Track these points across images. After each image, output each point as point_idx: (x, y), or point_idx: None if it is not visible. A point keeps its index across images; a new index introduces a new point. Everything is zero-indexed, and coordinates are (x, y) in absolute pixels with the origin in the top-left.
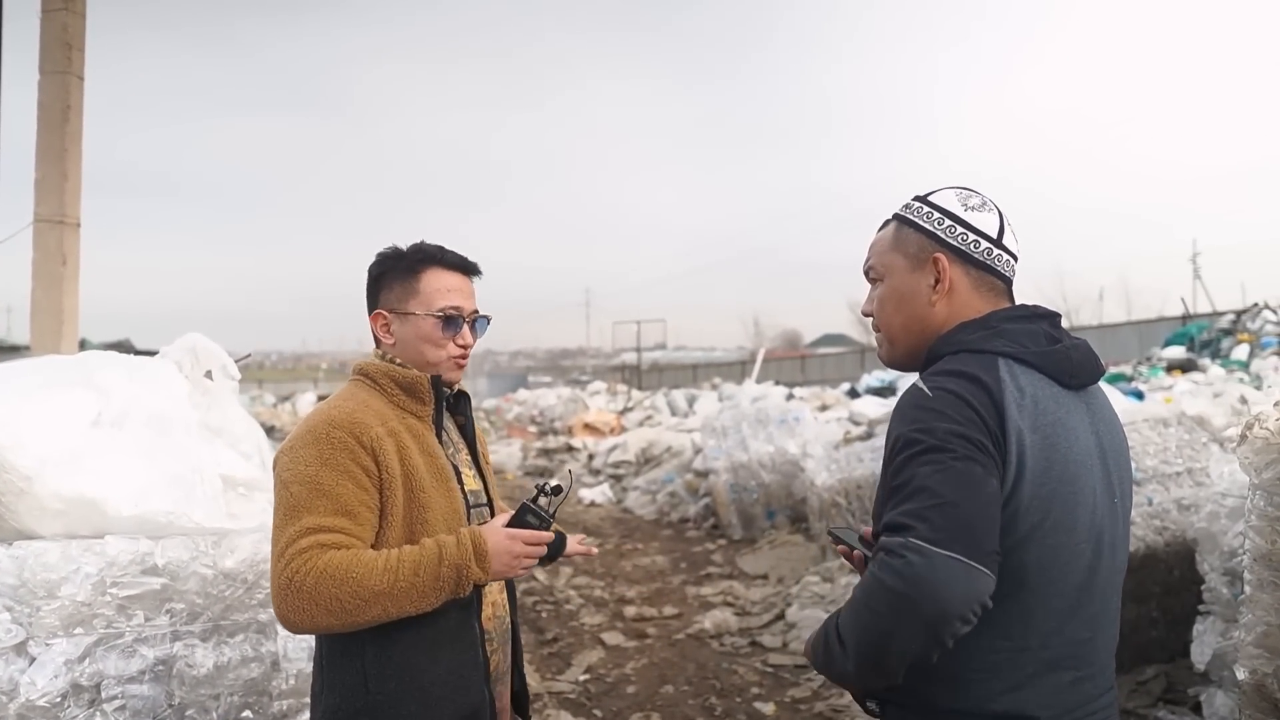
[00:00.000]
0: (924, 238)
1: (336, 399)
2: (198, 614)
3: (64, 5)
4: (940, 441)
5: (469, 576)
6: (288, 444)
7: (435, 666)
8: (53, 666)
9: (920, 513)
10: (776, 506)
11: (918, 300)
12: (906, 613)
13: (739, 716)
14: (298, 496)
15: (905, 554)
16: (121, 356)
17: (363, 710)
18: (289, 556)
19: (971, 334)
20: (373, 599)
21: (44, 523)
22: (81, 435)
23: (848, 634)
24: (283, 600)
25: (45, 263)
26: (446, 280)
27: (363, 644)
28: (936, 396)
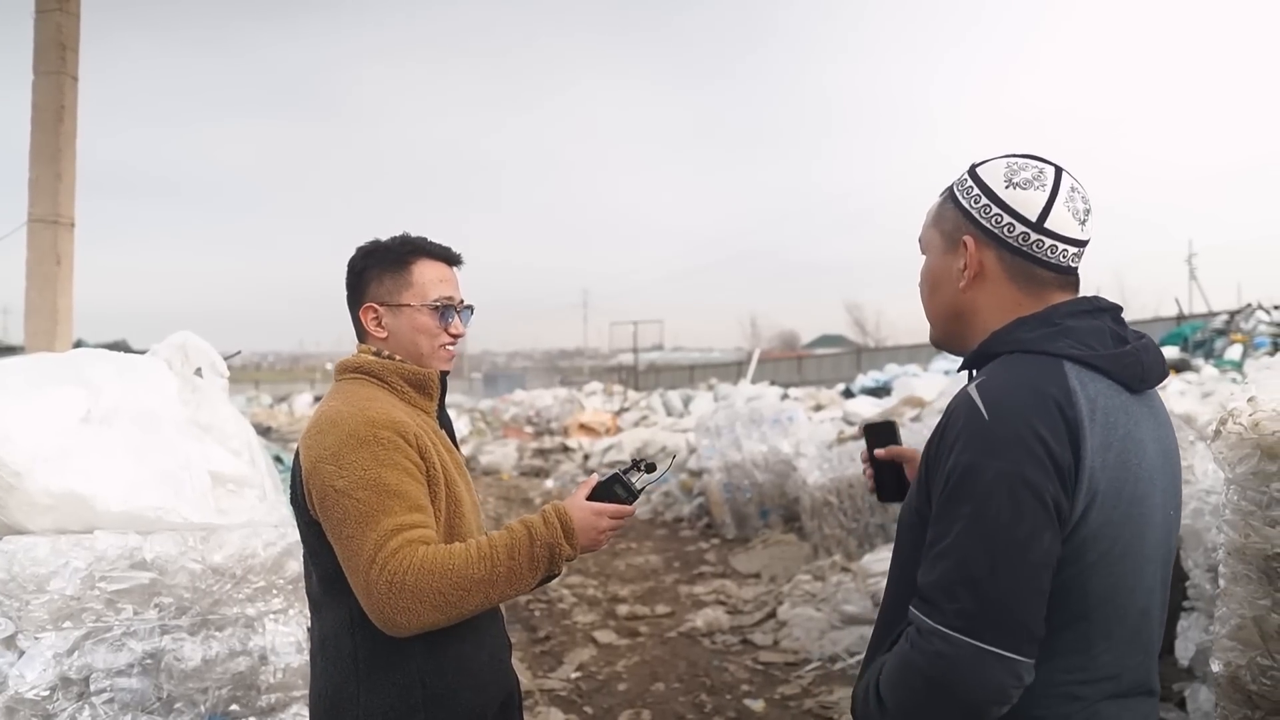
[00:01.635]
0: (960, 216)
1: (353, 398)
2: (186, 608)
3: (58, 6)
4: (988, 488)
5: (561, 554)
6: (328, 452)
7: (480, 653)
8: (42, 660)
9: (951, 589)
10: (770, 506)
11: (949, 284)
12: (940, 700)
13: (729, 713)
14: (367, 502)
15: (934, 642)
16: (111, 354)
17: (420, 706)
18: (382, 561)
19: (1031, 331)
20: (474, 587)
21: (33, 518)
22: (71, 432)
23: (888, 696)
24: (388, 603)
25: (39, 263)
26: (437, 271)
27: (413, 640)
28: (995, 420)
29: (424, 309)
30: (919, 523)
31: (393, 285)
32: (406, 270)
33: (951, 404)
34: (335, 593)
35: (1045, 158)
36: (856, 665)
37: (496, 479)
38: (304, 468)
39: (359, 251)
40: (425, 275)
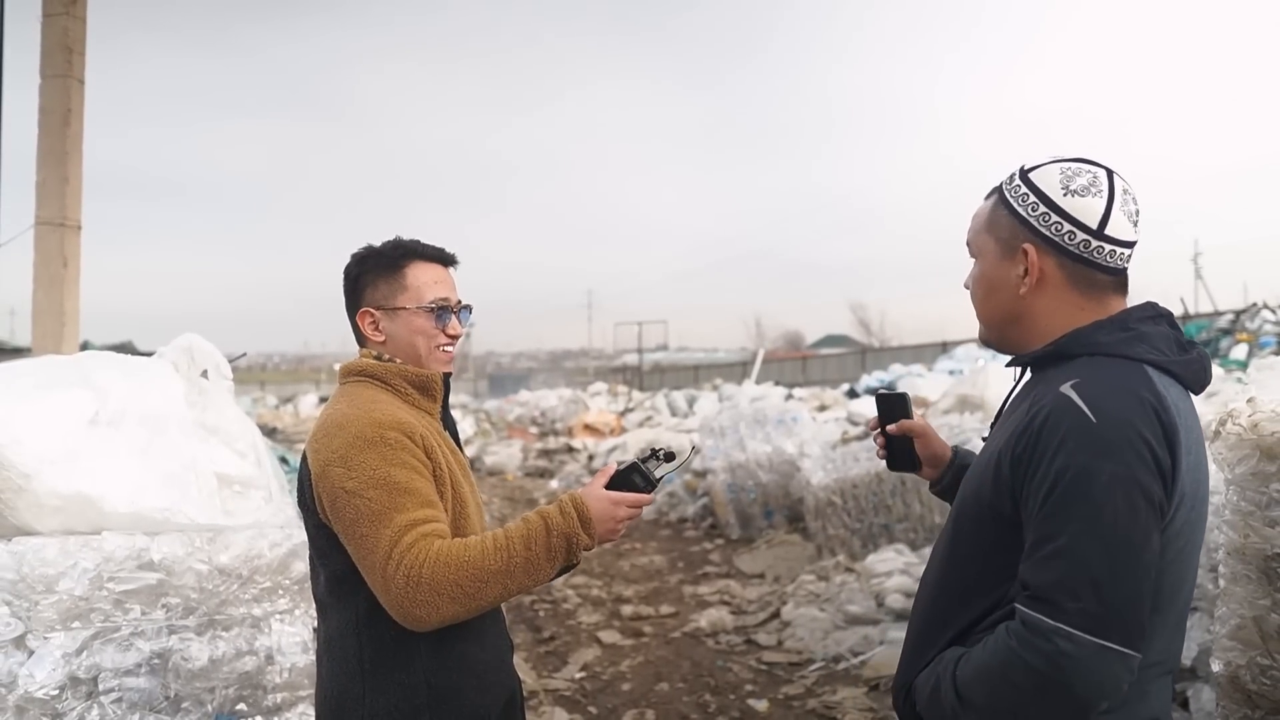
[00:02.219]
0: (1016, 223)
1: (358, 401)
2: (193, 608)
3: (65, 10)
4: (1104, 491)
5: (579, 544)
6: (336, 454)
7: (484, 653)
8: (51, 660)
9: (1074, 589)
10: (774, 506)
11: (1007, 290)
12: (1052, 697)
13: (732, 713)
14: (379, 501)
15: (1056, 641)
16: (118, 356)
17: (425, 706)
18: (398, 556)
19: (1109, 335)
20: (491, 579)
21: (42, 519)
22: (79, 434)
23: (973, 694)
24: (407, 598)
25: (46, 265)
26: (431, 273)
27: (418, 640)
28: (1103, 424)
29: (420, 311)
30: (991, 519)
31: (388, 289)
32: (400, 274)
33: (1043, 404)
34: (342, 594)
35: (1094, 160)
36: (860, 665)
37: (501, 479)
38: (313, 471)
39: (353, 258)
40: (420, 278)
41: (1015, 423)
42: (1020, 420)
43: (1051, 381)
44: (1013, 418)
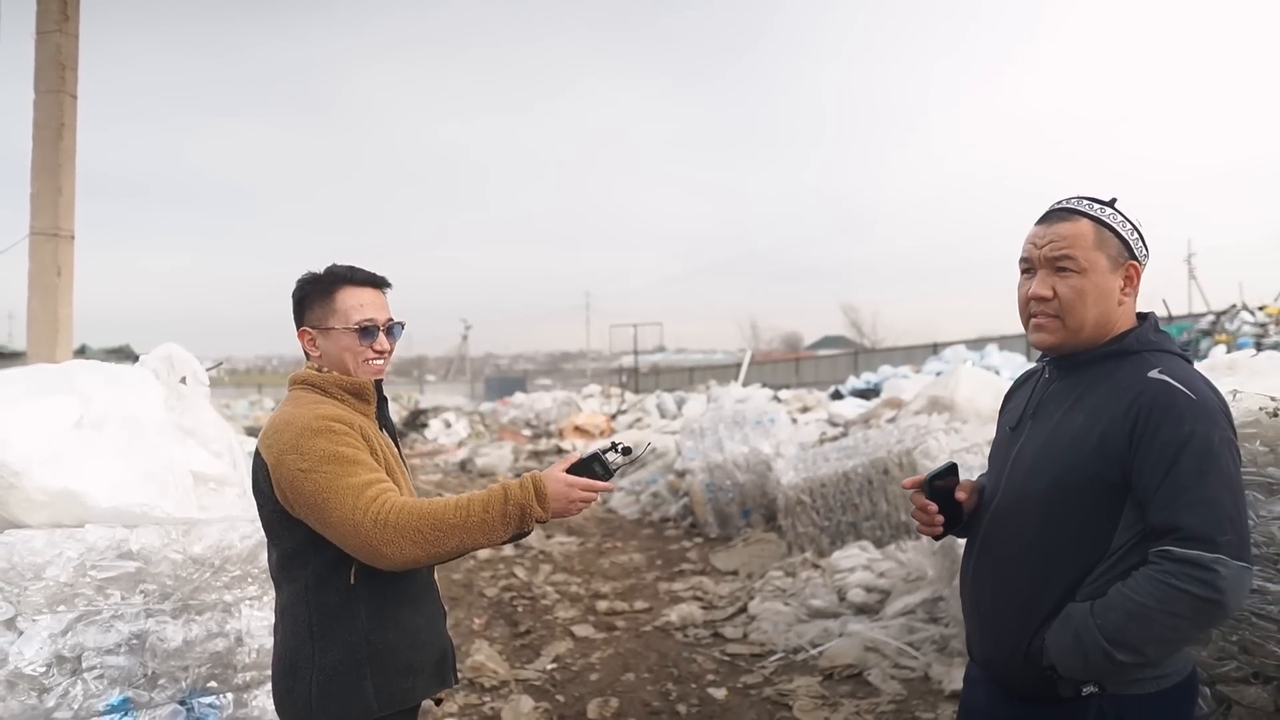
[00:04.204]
0: (1122, 245)
1: (303, 403)
2: (168, 594)
3: (58, 27)
4: (1219, 449)
5: (532, 514)
6: (288, 444)
7: (418, 617)
8: (39, 639)
9: (1221, 526)
10: (751, 506)
11: (1112, 299)
12: (1210, 615)
13: (692, 701)
14: (333, 472)
15: (1217, 569)
16: (102, 365)
17: (366, 660)
18: (364, 505)
19: (1158, 335)
20: (449, 531)
21: (30, 513)
22: (64, 436)
23: (1127, 635)
24: (375, 538)
25: (41, 274)
26: (359, 296)
27: (358, 605)
28: (1202, 400)
29: (347, 331)
30: (1094, 487)
31: (321, 312)
32: (331, 298)
33: (1143, 389)
34: (293, 569)
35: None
36: (817, 656)
37: (491, 479)
38: (268, 462)
39: (298, 282)
40: (348, 301)
41: (1106, 405)
42: (1113, 403)
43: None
44: (1090, 400)
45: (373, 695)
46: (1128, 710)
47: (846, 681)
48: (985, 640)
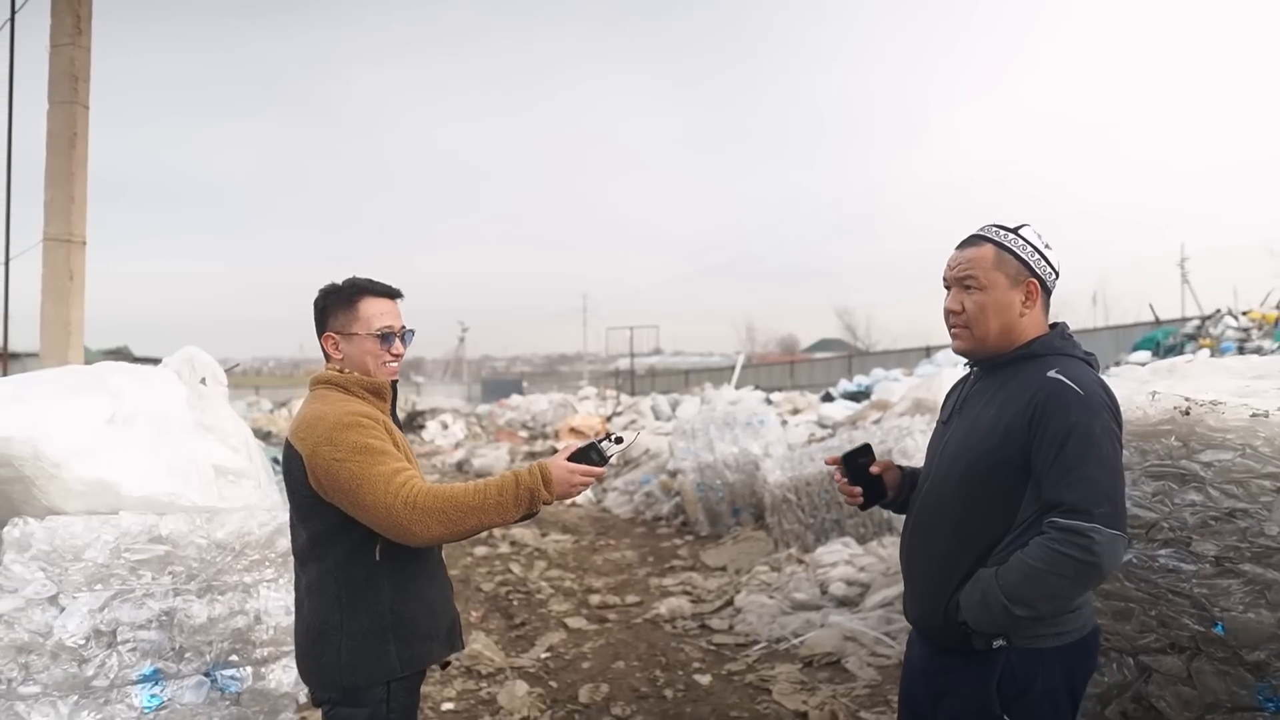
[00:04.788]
0: (1020, 265)
1: (329, 401)
2: (194, 575)
3: (71, 40)
4: (1100, 436)
5: (539, 497)
6: (322, 438)
7: (433, 589)
8: (79, 615)
9: (1097, 500)
10: (741, 504)
11: (1012, 312)
12: (1090, 578)
13: (678, 686)
14: (364, 460)
15: (1094, 536)
16: (131, 366)
17: (391, 626)
18: (395, 489)
19: (1062, 341)
20: (469, 511)
21: (68, 501)
22: (99, 431)
23: (1022, 593)
24: (405, 518)
25: (54, 279)
26: (379, 306)
27: (383, 579)
28: (1088, 396)
29: (369, 336)
30: (1003, 470)
31: (345, 319)
32: (354, 307)
33: (1041, 387)
34: (323, 547)
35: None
36: (799, 645)
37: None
38: (303, 454)
39: (320, 292)
40: (369, 310)
41: (1012, 401)
42: (1018, 399)
43: (1033, 373)
44: (1004, 398)
45: (395, 658)
46: (1031, 662)
47: (825, 668)
48: (914, 602)
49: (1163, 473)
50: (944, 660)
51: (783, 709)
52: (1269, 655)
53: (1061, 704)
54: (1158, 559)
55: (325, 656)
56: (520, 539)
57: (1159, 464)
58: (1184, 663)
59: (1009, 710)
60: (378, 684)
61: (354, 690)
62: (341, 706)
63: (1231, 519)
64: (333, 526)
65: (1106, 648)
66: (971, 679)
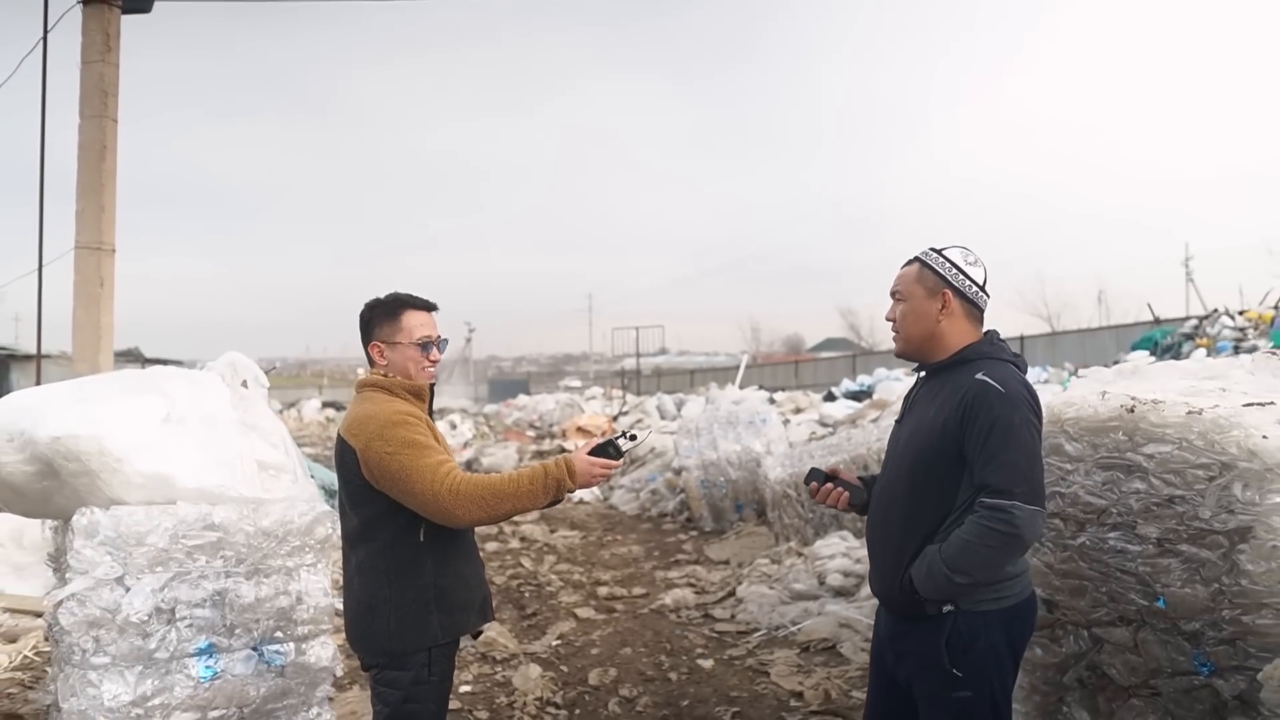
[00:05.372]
0: (937, 278)
1: (377, 402)
2: (243, 559)
3: (101, 58)
4: (1019, 426)
5: (564, 485)
6: (374, 434)
7: (468, 566)
8: (142, 594)
9: (1016, 481)
10: (744, 500)
11: (930, 318)
12: (1014, 548)
13: (682, 670)
14: (412, 453)
15: (1014, 511)
16: (182, 370)
17: (433, 599)
18: (441, 478)
19: (989, 347)
20: (504, 498)
21: (129, 493)
22: (155, 429)
23: (959, 563)
24: (450, 504)
25: (85, 285)
26: (419, 318)
27: (426, 558)
28: (1009, 393)
29: (411, 345)
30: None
31: (389, 329)
32: (397, 319)
33: (970, 387)
34: (373, 530)
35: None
36: (796, 632)
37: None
38: (356, 448)
39: (366, 306)
40: (411, 322)
41: (948, 401)
42: (952, 398)
43: (964, 376)
44: (942, 399)
45: (437, 626)
46: (975, 623)
47: (821, 653)
48: (876, 576)
49: (1111, 464)
50: (903, 626)
51: (780, 689)
52: (1203, 625)
53: (1004, 659)
54: (1107, 541)
55: (375, 626)
56: (530, 535)
57: (1108, 456)
58: (1131, 634)
59: (957, 664)
60: (421, 650)
61: (400, 655)
62: (389, 670)
63: (1170, 505)
64: (382, 512)
65: (1064, 621)
66: (926, 640)
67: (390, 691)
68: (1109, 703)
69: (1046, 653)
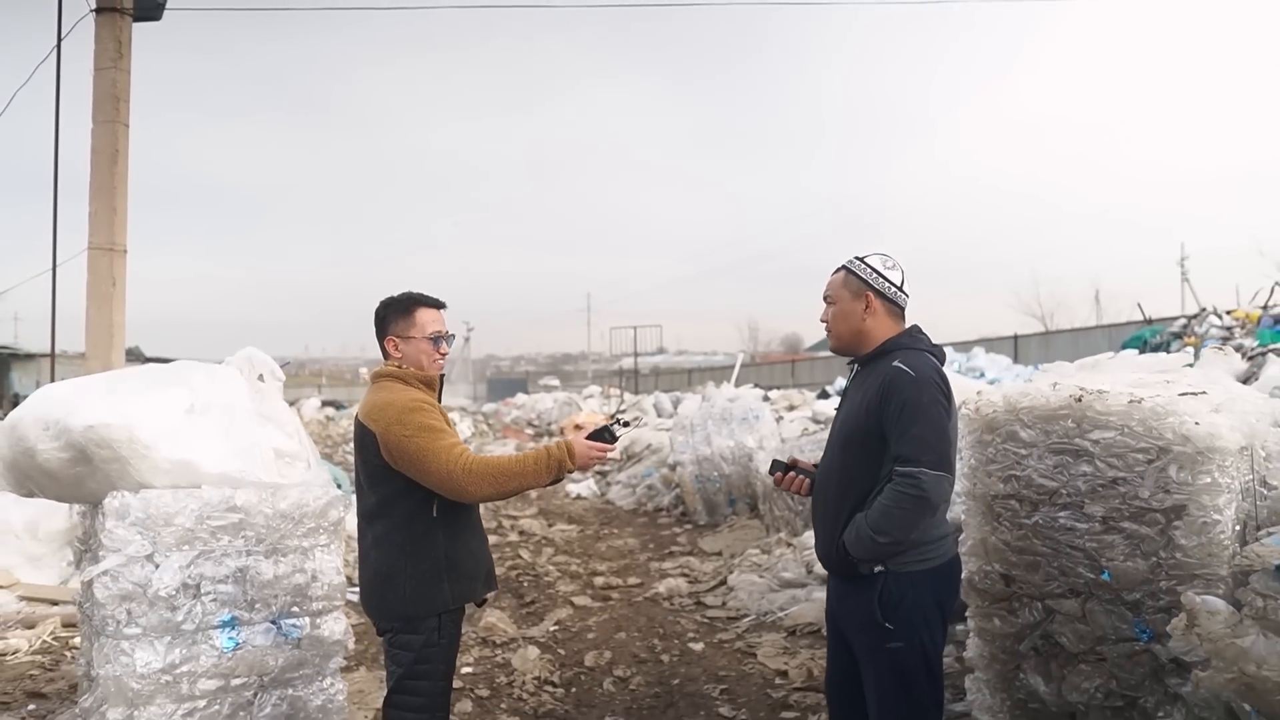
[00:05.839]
0: (860, 283)
1: (394, 390)
2: (262, 539)
3: (113, 64)
4: (927, 404)
5: (565, 466)
6: (393, 419)
7: (475, 540)
8: (171, 570)
9: (925, 450)
10: (737, 495)
11: (855, 317)
12: (924, 509)
13: (674, 652)
14: (429, 436)
15: (920, 477)
16: (203, 365)
17: (445, 568)
18: (454, 457)
19: (911, 340)
20: (511, 476)
21: (157, 477)
22: (180, 419)
23: (879, 525)
24: (463, 481)
25: (98, 284)
26: (431, 315)
27: (438, 531)
28: (919, 378)
29: (423, 339)
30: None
31: (404, 325)
32: (411, 316)
33: (888, 373)
34: (390, 506)
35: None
36: (785, 617)
37: None
38: (376, 432)
39: (381, 303)
40: (423, 318)
41: (871, 386)
42: (874, 384)
43: (884, 364)
44: (867, 385)
45: (448, 593)
46: (903, 582)
47: (807, 636)
48: (819, 542)
49: (1062, 449)
50: (844, 586)
51: (766, 669)
52: (1143, 596)
53: (931, 613)
54: (1058, 520)
55: (391, 594)
56: (528, 529)
57: (1058, 442)
58: (1080, 605)
59: (889, 619)
60: (433, 615)
61: (414, 620)
62: (402, 634)
63: (1114, 486)
64: (399, 490)
65: (1020, 594)
66: (861, 598)
67: (403, 653)
68: (1060, 668)
69: (1004, 623)
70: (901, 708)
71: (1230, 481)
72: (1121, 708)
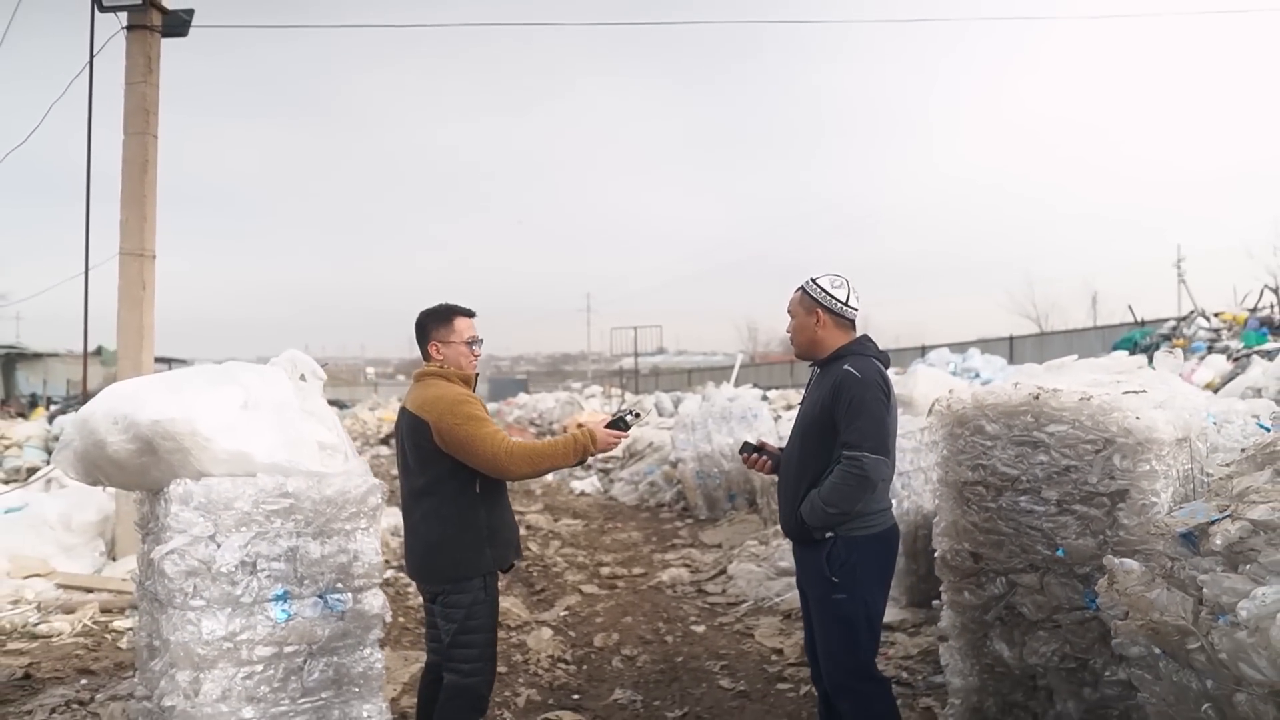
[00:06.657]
0: (811, 300)
1: (442, 387)
2: (310, 522)
3: (143, 79)
4: (870, 401)
5: (589, 450)
6: (445, 410)
7: (507, 514)
8: (231, 549)
9: (866, 437)
10: (736, 490)
11: (810, 329)
12: (865, 486)
13: (677, 634)
14: (475, 425)
15: (861, 459)
16: (254, 365)
17: (486, 537)
18: (499, 442)
19: (860, 347)
20: (544, 458)
21: (215, 467)
22: (236, 414)
23: (829, 499)
24: (506, 462)
25: (129, 288)
26: (466, 323)
27: (480, 506)
28: (864, 378)
29: (461, 344)
30: (825, 429)
31: (444, 331)
32: (450, 323)
33: (839, 375)
34: (439, 485)
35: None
36: (781, 604)
37: None
38: (429, 420)
39: (421, 313)
40: (460, 325)
41: (826, 386)
42: (829, 384)
43: (836, 367)
44: (823, 385)
45: (489, 558)
46: (849, 545)
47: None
48: (781, 514)
49: (1022, 441)
50: (802, 551)
51: (763, 647)
52: (1092, 569)
53: (872, 572)
54: (1019, 503)
55: (440, 560)
56: (535, 524)
57: (1019, 434)
58: (1038, 578)
59: (835, 574)
60: (478, 575)
61: (462, 580)
62: (452, 594)
63: (1067, 473)
64: (447, 470)
65: (987, 570)
66: (815, 559)
67: (455, 610)
68: (1023, 635)
69: (973, 596)
70: (844, 649)
71: (1167, 469)
72: (1075, 669)
